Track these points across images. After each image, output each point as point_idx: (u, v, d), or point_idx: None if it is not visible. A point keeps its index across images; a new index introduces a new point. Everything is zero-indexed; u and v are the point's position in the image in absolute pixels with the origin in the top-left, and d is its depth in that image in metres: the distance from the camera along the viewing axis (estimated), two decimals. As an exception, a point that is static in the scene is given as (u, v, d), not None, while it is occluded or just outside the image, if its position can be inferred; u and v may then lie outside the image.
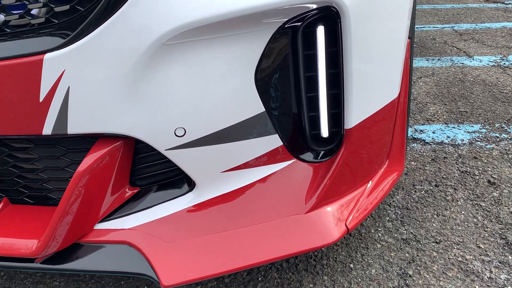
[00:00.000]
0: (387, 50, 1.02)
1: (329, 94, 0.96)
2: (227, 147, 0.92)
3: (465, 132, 1.89)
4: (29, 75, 0.79)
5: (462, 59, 2.84)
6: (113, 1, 0.77)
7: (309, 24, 0.89)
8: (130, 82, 0.81)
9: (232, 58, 0.86)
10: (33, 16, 0.80)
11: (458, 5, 4.68)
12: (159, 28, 0.78)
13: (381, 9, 0.96)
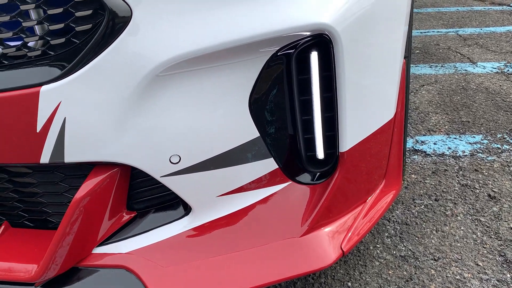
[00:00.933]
0: (381, 73, 1.02)
1: (324, 117, 0.97)
2: (222, 172, 0.93)
3: (467, 143, 1.89)
4: (26, 107, 0.81)
5: (466, 65, 2.83)
6: (106, 35, 0.79)
7: (302, 50, 0.90)
8: (125, 113, 0.82)
9: (226, 87, 0.87)
10: (30, 48, 0.82)
11: (463, 8, 4.65)
12: (152, 60, 0.79)
13: (374, 33, 0.96)
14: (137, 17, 0.80)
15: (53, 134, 0.82)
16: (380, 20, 0.97)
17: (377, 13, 0.95)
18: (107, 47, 0.79)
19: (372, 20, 0.95)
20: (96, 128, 0.82)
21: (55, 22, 0.80)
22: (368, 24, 0.94)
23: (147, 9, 0.80)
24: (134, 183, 0.95)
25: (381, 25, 0.98)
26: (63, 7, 0.79)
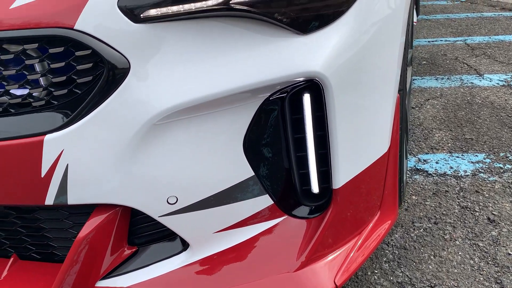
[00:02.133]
0: (373, 110, 1.05)
1: (318, 153, 1.00)
2: (218, 210, 0.97)
3: (469, 162, 1.90)
4: (32, 154, 0.86)
5: (472, 78, 2.83)
6: (106, 87, 0.83)
7: (295, 93, 0.94)
8: (124, 159, 0.86)
9: (220, 131, 0.91)
10: (34, 98, 0.87)
11: (472, 14, 4.62)
12: (149, 111, 0.84)
13: (364, 76, 0.99)
14: (135, 69, 0.84)
15: (56, 179, 0.87)
16: (371, 63, 1.00)
17: (367, 57, 0.98)
18: (106, 98, 0.84)
19: (363, 64, 0.98)
20: (96, 173, 0.87)
21: (58, 74, 0.85)
22: (358, 68, 0.97)
23: (144, 61, 0.84)
24: (135, 219, 1.00)
25: (372, 67, 1.01)
26: (65, 61, 0.84)
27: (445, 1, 5.50)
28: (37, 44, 0.83)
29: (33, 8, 0.81)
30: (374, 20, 1.00)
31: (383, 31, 1.03)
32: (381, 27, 1.03)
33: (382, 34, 1.03)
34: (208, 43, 0.88)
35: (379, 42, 1.02)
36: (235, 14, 0.88)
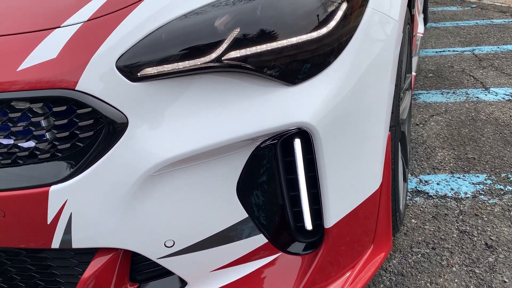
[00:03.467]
0: (362, 152, 1.09)
1: (309, 193, 1.05)
2: (214, 250, 1.02)
3: (470, 183, 1.92)
4: (38, 203, 0.92)
5: (478, 92, 2.83)
6: (106, 141, 0.89)
7: (285, 139, 0.99)
8: (123, 207, 0.92)
9: (214, 178, 0.96)
10: (40, 151, 0.93)
11: (482, 21, 4.60)
12: (146, 163, 0.89)
13: (353, 120, 1.03)
14: (133, 124, 0.90)
15: (61, 226, 0.93)
16: (359, 108, 1.04)
17: (355, 103, 1.02)
18: (106, 152, 0.90)
19: (350, 110, 1.02)
20: (98, 220, 0.93)
21: (62, 129, 0.91)
22: (346, 115, 1.01)
23: (141, 117, 0.90)
24: (136, 258, 1.06)
25: (360, 113, 1.05)
26: (68, 118, 0.90)
27: (456, 7, 5.47)
28: (42, 104, 0.89)
29: (37, 70, 0.87)
30: (362, 67, 1.05)
31: (371, 76, 1.08)
32: (369, 73, 1.07)
33: (370, 79, 1.07)
34: (201, 98, 0.93)
35: (367, 87, 1.06)
36: (227, 69, 0.93)
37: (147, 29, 0.92)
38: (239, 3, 0.97)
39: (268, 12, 0.97)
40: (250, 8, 0.97)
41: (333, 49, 1.01)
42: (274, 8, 0.98)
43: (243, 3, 0.97)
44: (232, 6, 0.97)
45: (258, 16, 0.97)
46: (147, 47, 0.90)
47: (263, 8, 0.97)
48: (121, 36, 0.90)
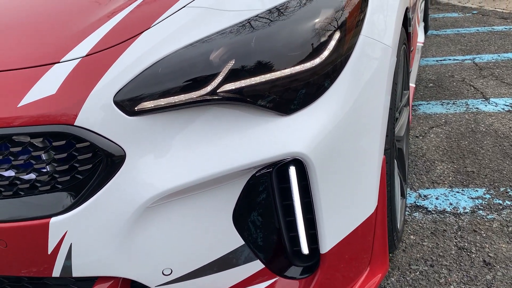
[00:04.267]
0: (356, 178, 1.11)
1: (305, 218, 1.07)
2: (212, 277, 1.04)
3: (469, 198, 1.93)
4: (39, 234, 0.95)
5: (478, 102, 2.84)
6: (104, 175, 0.92)
7: (280, 167, 1.01)
8: (122, 237, 0.94)
9: (210, 208, 0.98)
10: (41, 183, 0.96)
11: (483, 28, 4.61)
12: (144, 195, 0.92)
13: (347, 148, 1.05)
14: (130, 157, 0.92)
15: (61, 256, 0.96)
16: (353, 136, 1.06)
17: (349, 131, 1.04)
18: (105, 185, 0.92)
19: (344, 138, 1.04)
20: (97, 250, 0.95)
21: (61, 163, 0.94)
22: (340, 143, 1.03)
23: (138, 150, 0.93)
24: (134, 286, 1.08)
25: (354, 140, 1.07)
26: (67, 151, 0.92)
27: (457, 13, 5.49)
28: (42, 138, 0.92)
29: (37, 107, 0.90)
30: (354, 95, 1.07)
31: (364, 104, 1.10)
32: (362, 100, 1.09)
33: (363, 107, 1.09)
34: (197, 129, 0.95)
35: (360, 115, 1.08)
36: (222, 101, 0.95)
37: (144, 64, 0.94)
38: (233, 36, 0.99)
39: (262, 44, 1.00)
40: (244, 41, 0.99)
41: (326, 78, 1.03)
42: (268, 40, 1.00)
43: (237, 35, 1.00)
44: (227, 38, 0.99)
45: (252, 48, 0.99)
46: (144, 82, 0.93)
47: (257, 40, 1.00)
48: (119, 71, 0.93)
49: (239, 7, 1.05)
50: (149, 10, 1.06)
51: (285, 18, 1.04)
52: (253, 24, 1.02)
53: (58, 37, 1.03)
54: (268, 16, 1.03)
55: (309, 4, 1.07)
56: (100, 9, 1.12)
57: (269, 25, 1.02)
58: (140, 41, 0.97)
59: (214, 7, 1.05)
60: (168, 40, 0.98)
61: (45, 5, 1.23)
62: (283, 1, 1.07)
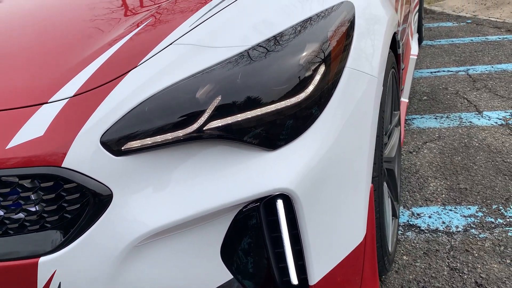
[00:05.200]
0: (343, 208, 1.12)
1: (294, 249, 1.08)
2: (201, 311, 1.05)
3: (461, 216, 1.94)
4: (28, 273, 0.95)
5: (471, 116, 2.86)
6: (92, 214, 0.93)
7: (268, 200, 1.02)
8: (111, 274, 0.95)
9: (198, 244, 0.99)
10: (30, 222, 0.97)
11: (477, 38, 4.64)
12: (132, 234, 0.93)
13: (333, 180, 1.06)
14: (117, 197, 0.93)
15: (51, 295, 0.97)
16: (339, 168, 1.07)
17: (334, 163, 1.06)
18: (92, 224, 0.93)
19: (330, 171, 1.05)
20: (86, 288, 0.96)
21: (50, 203, 0.95)
22: (326, 176, 1.04)
23: (125, 189, 0.94)
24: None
25: (340, 172, 1.08)
26: (55, 192, 0.93)
27: (451, 22, 5.52)
28: (30, 180, 0.93)
29: (25, 149, 0.91)
30: (340, 127, 1.08)
31: (351, 135, 1.11)
32: (348, 132, 1.10)
33: (349, 138, 1.11)
34: (183, 168, 0.97)
35: (346, 146, 1.10)
36: (208, 139, 0.97)
37: (130, 103, 0.96)
38: (220, 73, 1.01)
39: (248, 80, 1.01)
40: (230, 77, 1.01)
41: (311, 113, 1.05)
42: (253, 76, 1.02)
43: (223, 72, 1.01)
44: (213, 75, 1.00)
45: (238, 84, 1.01)
46: (131, 121, 0.94)
47: (243, 76, 1.01)
48: (106, 112, 0.94)
49: (224, 43, 1.07)
50: (137, 47, 1.08)
51: (270, 54, 1.05)
52: (239, 60, 1.04)
53: (47, 74, 1.04)
54: (253, 53, 1.05)
55: (294, 39, 1.09)
56: (90, 44, 1.14)
57: (255, 61, 1.04)
58: (127, 80, 0.99)
59: (200, 44, 1.07)
60: (155, 78, 0.99)
61: (36, 37, 1.25)
62: (268, 37, 1.08)
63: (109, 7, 1.35)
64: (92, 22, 1.26)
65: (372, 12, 1.39)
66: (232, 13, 1.17)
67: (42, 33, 1.27)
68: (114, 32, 1.17)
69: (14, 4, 1.67)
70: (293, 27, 1.11)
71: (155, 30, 1.13)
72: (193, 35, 1.09)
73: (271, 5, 1.21)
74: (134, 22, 1.19)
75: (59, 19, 1.35)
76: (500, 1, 6.02)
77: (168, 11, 1.24)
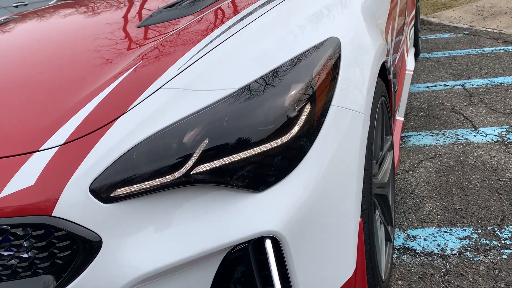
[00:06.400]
0: (332, 245, 1.13)
1: (284, 287, 1.09)
2: None
3: (456, 238, 1.95)
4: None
5: (467, 132, 2.87)
6: (82, 261, 0.95)
7: (256, 240, 1.04)
8: (102, 319, 0.97)
9: (188, 287, 1.01)
10: (22, 268, 0.99)
11: (474, 50, 4.66)
12: (121, 279, 0.95)
13: (320, 219, 1.08)
14: (107, 243, 0.95)
15: None
16: (326, 207, 1.09)
17: (321, 203, 1.08)
18: (84, 270, 0.95)
19: (317, 211, 1.07)
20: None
21: (41, 250, 0.97)
22: (313, 216, 1.06)
23: (114, 235, 0.96)
24: None
25: (327, 210, 1.10)
26: (46, 240, 0.96)
27: (449, 34, 5.55)
28: (21, 228, 0.95)
29: (17, 198, 0.94)
30: (326, 165, 1.10)
31: (337, 172, 1.13)
32: (335, 169, 1.12)
33: (336, 175, 1.12)
34: (172, 212, 0.99)
35: (333, 184, 1.11)
36: (196, 183, 0.99)
37: (119, 150, 0.98)
38: (207, 117, 1.03)
39: (234, 123, 1.04)
40: (217, 121, 1.03)
41: (297, 153, 1.07)
42: (239, 119, 1.04)
43: (210, 116, 1.04)
44: (200, 119, 1.03)
45: (224, 128, 1.03)
46: (119, 169, 0.97)
47: (229, 120, 1.04)
48: (95, 159, 0.97)
49: (211, 86, 1.10)
50: (127, 91, 1.10)
51: (256, 96, 1.08)
52: (225, 103, 1.06)
53: (39, 119, 1.07)
54: (240, 95, 1.08)
55: (279, 80, 1.11)
56: (82, 87, 1.17)
57: (240, 104, 1.06)
58: (117, 127, 1.01)
59: (188, 87, 1.09)
60: (144, 124, 1.02)
61: (28, 76, 1.28)
62: (254, 78, 1.11)
63: (102, 47, 1.39)
64: (84, 63, 1.29)
65: (358, 45, 1.41)
66: (219, 54, 1.20)
67: (36, 72, 1.31)
68: (106, 74, 1.19)
69: (7, 38, 1.71)
70: (278, 68, 1.14)
71: (145, 73, 1.16)
72: (182, 78, 1.12)
73: (258, 45, 1.23)
74: (126, 64, 1.22)
75: (53, 59, 1.38)
76: (497, 11, 6.05)
77: (159, 51, 1.27)
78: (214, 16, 1.49)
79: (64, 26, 1.78)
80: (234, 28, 1.32)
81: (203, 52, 1.20)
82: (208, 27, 1.38)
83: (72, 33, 1.61)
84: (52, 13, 2.08)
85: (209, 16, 1.49)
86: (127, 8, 1.87)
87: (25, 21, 2.03)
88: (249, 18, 1.39)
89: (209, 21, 1.44)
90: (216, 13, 1.53)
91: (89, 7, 2.05)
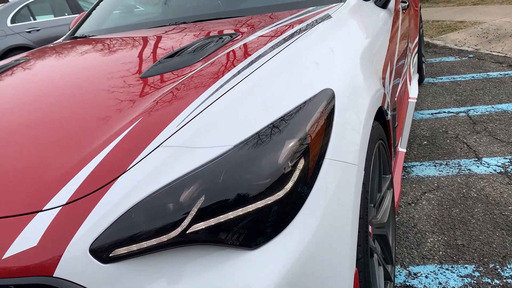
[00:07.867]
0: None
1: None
2: None
3: (458, 276, 1.95)
4: None
5: (470, 163, 2.88)
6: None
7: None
8: None
9: None
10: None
11: (478, 75, 4.68)
12: (118, 338, 0.98)
13: (315, 273, 1.11)
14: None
15: None
16: (320, 260, 1.11)
17: (315, 257, 1.10)
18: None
19: (311, 264, 1.09)
20: None
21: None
22: (307, 270, 1.09)
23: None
24: None
25: (321, 263, 1.12)
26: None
27: (453, 57, 5.58)
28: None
29: (20, 259, 0.98)
30: (319, 219, 1.13)
31: (331, 226, 1.15)
32: (329, 223, 1.15)
33: (330, 229, 1.15)
34: (169, 271, 1.02)
35: (327, 238, 1.14)
36: (191, 243, 1.02)
37: (119, 211, 1.02)
38: (203, 174, 1.07)
39: (230, 180, 1.07)
40: (213, 177, 1.06)
41: (291, 209, 1.10)
42: (234, 176, 1.08)
43: (207, 173, 1.07)
44: (196, 177, 1.07)
45: (220, 184, 1.06)
46: (118, 229, 1.00)
47: (225, 175, 1.07)
48: (95, 220, 1.01)
49: (208, 144, 1.14)
50: (127, 150, 1.15)
51: (250, 153, 1.11)
52: (221, 160, 1.10)
53: (42, 176, 1.12)
54: (235, 152, 1.11)
55: (273, 137, 1.15)
56: (85, 143, 1.22)
57: (235, 161, 1.10)
58: (116, 187, 1.05)
59: (185, 145, 1.14)
60: (143, 183, 1.06)
61: (29, 137, 1.33)
62: (249, 136, 1.15)
63: (105, 101, 1.44)
64: (86, 118, 1.34)
65: (354, 93, 1.45)
66: (217, 109, 1.24)
67: (39, 123, 1.36)
68: (109, 130, 1.24)
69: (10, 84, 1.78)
70: (272, 124, 1.18)
71: (146, 129, 1.20)
72: (180, 135, 1.16)
73: (252, 100, 1.27)
74: (127, 120, 1.27)
75: (55, 112, 1.44)
76: (502, 34, 6.08)
77: (159, 106, 1.31)
78: (212, 70, 1.55)
79: (62, 78, 1.85)
80: (228, 84, 1.36)
81: (201, 108, 1.25)
82: (203, 82, 1.43)
83: (71, 85, 1.68)
84: (52, 60, 2.15)
85: (209, 69, 1.54)
86: (136, 54, 1.93)
87: (23, 69, 2.11)
88: (246, 72, 1.43)
89: (208, 75, 1.49)
90: (209, 69, 1.58)
91: (94, 55, 2.12)
